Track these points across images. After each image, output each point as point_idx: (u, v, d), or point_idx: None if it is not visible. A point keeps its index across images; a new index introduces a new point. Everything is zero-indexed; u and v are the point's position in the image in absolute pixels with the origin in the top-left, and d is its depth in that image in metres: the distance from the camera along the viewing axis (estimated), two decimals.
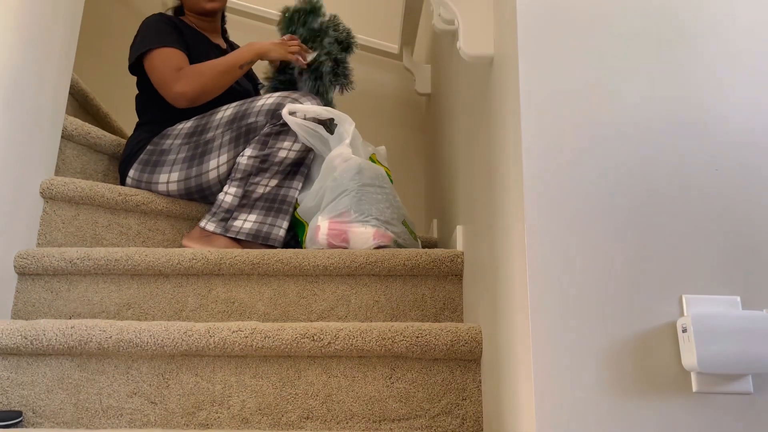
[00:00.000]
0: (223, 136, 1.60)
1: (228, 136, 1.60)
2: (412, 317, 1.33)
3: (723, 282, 0.78)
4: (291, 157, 1.59)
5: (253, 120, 1.59)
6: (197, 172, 1.60)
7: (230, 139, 1.59)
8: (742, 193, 0.81)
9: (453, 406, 1.13)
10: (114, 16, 2.74)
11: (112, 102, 2.31)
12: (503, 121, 0.96)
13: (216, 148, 1.60)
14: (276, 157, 1.58)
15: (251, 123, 1.59)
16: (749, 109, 0.84)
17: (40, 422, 1.11)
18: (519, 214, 0.83)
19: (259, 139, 1.58)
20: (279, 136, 1.58)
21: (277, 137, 1.58)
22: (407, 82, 2.75)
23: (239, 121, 1.60)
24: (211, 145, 1.60)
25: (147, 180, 1.62)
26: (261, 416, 1.12)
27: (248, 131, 1.59)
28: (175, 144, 1.63)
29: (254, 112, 1.59)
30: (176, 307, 1.35)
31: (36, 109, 1.44)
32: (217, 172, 1.59)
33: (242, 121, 1.59)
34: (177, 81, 1.61)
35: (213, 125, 1.62)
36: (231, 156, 1.59)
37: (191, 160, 1.61)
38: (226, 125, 1.60)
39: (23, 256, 1.35)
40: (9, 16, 1.33)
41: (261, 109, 1.59)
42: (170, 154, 1.62)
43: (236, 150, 1.59)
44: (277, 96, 1.61)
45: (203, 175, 1.60)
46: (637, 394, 0.75)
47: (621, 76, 0.85)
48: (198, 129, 1.64)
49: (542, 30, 0.86)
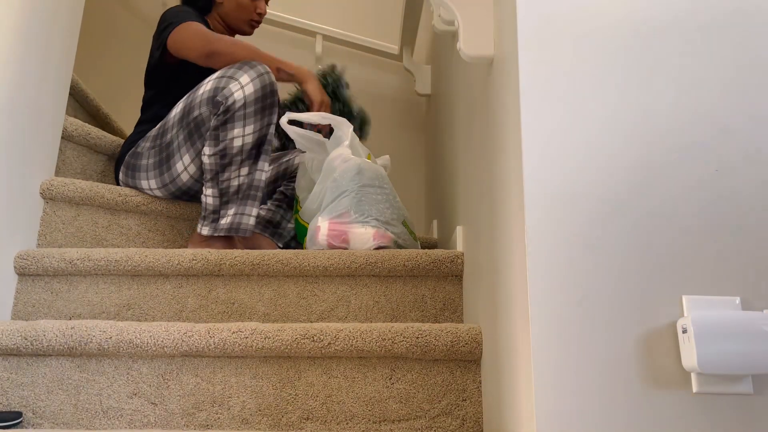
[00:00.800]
0: (178, 136, 1.55)
1: (182, 135, 1.54)
2: (412, 318, 1.33)
3: (723, 282, 0.78)
4: (248, 141, 1.47)
5: (198, 113, 1.51)
6: (170, 177, 1.56)
7: (185, 137, 1.53)
8: (742, 193, 0.81)
9: (453, 406, 1.13)
10: (114, 17, 2.74)
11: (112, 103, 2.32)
12: (503, 121, 0.96)
13: (176, 150, 1.55)
14: (233, 148, 1.47)
15: (197, 116, 1.51)
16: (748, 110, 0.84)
17: (40, 423, 1.11)
18: (519, 214, 0.83)
19: (211, 135, 1.48)
20: (226, 126, 1.46)
21: (225, 127, 1.46)
22: (407, 83, 2.75)
23: (187, 117, 1.53)
24: (171, 147, 1.56)
25: (133, 185, 1.61)
26: (261, 417, 1.12)
27: (197, 125, 1.51)
28: (146, 147, 1.61)
29: (197, 103, 1.51)
30: (176, 307, 1.35)
31: (36, 109, 1.44)
32: (188, 173, 1.55)
33: (189, 117, 1.53)
34: (213, 38, 1.57)
35: (169, 126, 1.58)
36: (193, 154, 1.53)
37: (160, 165, 1.57)
38: (179, 124, 1.55)
39: (23, 257, 1.35)
40: (10, 17, 1.33)
41: (202, 98, 1.50)
42: (143, 158, 1.60)
43: (195, 147, 1.52)
44: (215, 78, 1.51)
45: (177, 180, 1.56)
46: (638, 395, 0.75)
47: (622, 76, 0.85)
48: (160, 131, 1.60)
49: (542, 30, 0.86)
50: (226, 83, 1.47)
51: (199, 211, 1.63)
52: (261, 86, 1.47)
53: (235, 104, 1.45)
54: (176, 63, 1.69)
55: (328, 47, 2.80)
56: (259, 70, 1.48)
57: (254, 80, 1.46)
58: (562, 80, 0.84)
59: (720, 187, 0.81)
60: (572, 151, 0.82)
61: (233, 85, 1.46)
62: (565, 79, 0.84)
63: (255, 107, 1.47)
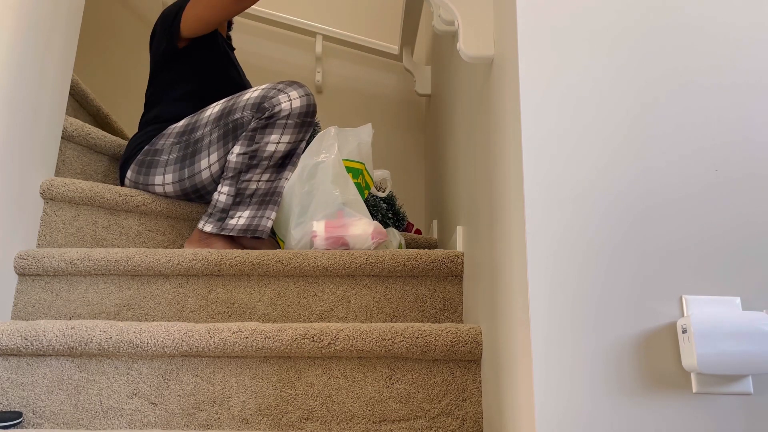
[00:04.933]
0: (211, 134, 1.57)
1: (216, 133, 1.57)
2: (412, 318, 1.33)
3: (723, 282, 0.78)
4: (281, 150, 1.55)
5: (239, 115, 1.55)
6: (190, 173, 1.58)
7: (218, 136, 1.56)
8: (742, 193, 0.81)
9: (453, 406, 1.13)
10: (114, 17, 2.74)
11: (112, 103, 2.32)
12: (503, 121, 0.96)
13: (205, 147, 1.57)
14: (264, 152, 1.53)
15: (237, 119, 1.55)
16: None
17: (40, 423, 1.11)
18: (519, 214, 0.83)
19: (246, 135, 1.54)
20: (265, 130, 1.53)
21: (264, 131, 1.53)
22: (407, 83, 2.75)
23: (226, 117, 1.57)
24: (201, 144, 1.58)
25: (143, 182, 1.61)
26: (261, 417, 1.12)
27: (235, 127, 1.55)
28: (167, 144, 1.62)
29: (240, 107, 1.56)
30: (176, 307, 1.35)
31: (36, 109, 1.44)
32: (210, 171, 1.57)
33: (229, 118, 1.56)
34: None
35: (202, 123, 1.60)
36: (221, 154, 1.56)
37: (183, 160, 1.59)
38: (214, 122, 1.58)
39: (23, 257, 1.35)
40: (9, 17, 1.33)
41: (246, 103, 1.55)
42: (163, 154, 1.61)
43: (225, 147, 1.56)
44: (263, 88, 1.57)
45: (196, 176, 1.58)
46: (638, 395, 0.75)
47: (622, 75, 0.85)
48: (188, 128, 1.62)
49: (542, 30, 0.86)
50: (275, 94, 1.54)
51: (201, 211, 1.63)
52: (307, 104, 1.55)
53: (281, 113, 1.52)
54: (185, 52, 1.70)
55: (328, 47, 2.80)
56: (307, 90, 1.58)
57: (302, 97, 1.54)
58: (562, 80, 0.84)
59: (720, 186, 0.81)
60: (572, 150, 0.82)
61: (282, 96, 1.53)
62: (566, 79, 0.84)
63: (297, 120, 1.54)
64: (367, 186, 1.69)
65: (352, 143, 1.66)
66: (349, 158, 1.64)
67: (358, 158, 1.67)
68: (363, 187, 1.67)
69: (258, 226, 1.55)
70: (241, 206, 1.55)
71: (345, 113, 1.98)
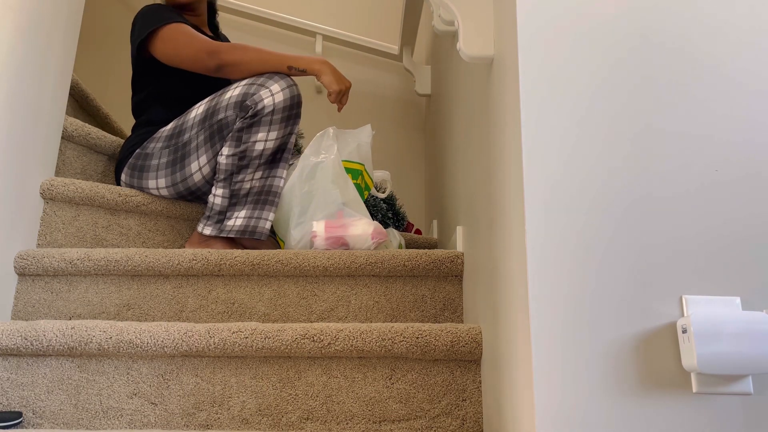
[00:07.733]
0: (198, 136, 1.55)
1: (202, 135, 1.55)
2: (412, 318, 1.33)
3: (723, 282, 0.78)
4: (270, 147, 1.52)
5: (223, 116, 1.52)
6: (181, 177, 1.57)
7: (205, 138, 1.54)
8: (742, 193, 0.81)
9: (453, 406, 1.13)
10: (114, 17, 2.74)
11: (112, 103, 2.32)
12: (503, 121, 0.96)
13: (194, 150, 1.56)
14: (254, 151, 1.51)
15: (221, 119, 1.52)
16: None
17: (40, 423, 1.11)
18: (519, 214, 0.83)
19: (233, 136, 1.51)
20: (251, 129, 1.50)
21: (250, 131, 1.50)
22: (407, 83, 2.75)
23: (210, 118, 1.54)
24: (189, 147, 1.56)
25: (138, 185, 1.60)
26: (261, 417, 1.12)
27: (220, 128, 1.53)
28: (157, 148, 1.61)
29: (222, 107, 1.53)
30: (176, 307, 1.35)
31: (36, 109, 1.44)
32: (201, 173, 1.55)
33: (213, 119, 1.54)
34: (218, 50, 1.57)
35: (188, 125, 1.58)
36: (210, 156, 1.54)
37: (173, 165, 1.57)
38: (200, 124, 1.56)
39: (23, 257, 1.35)
40: (9, 17, 1.33)
41: (228, 102, 1.52)
42: (153, 158, 1.60)
43: (213, 149, 1.54)
44: (243, 84, 1.53)
45: (188, 179, 1.56)
46: (638, 395, 0.75)
47: (622, 75, 0.85)
48: (176, 131, 1.60)
49: (542, 30, 0.86)
50: (257, 90, 1.50)
51: (200, 211, 1.63)
52: (290, 96, 1.51)
53: (264, 109, 1.49)
54: (156, 61, 1.67)
55: (328, 47, 2.80)
56: (289, 81, 1.53)
57: (284, 90, 1.51)
58: (562, 80, 0.84)
59: (720, 186, 0.81)
60: (572, 150, 0.82)
61: (264, 92, 1.50)
62: (566, 79, 0.84)
63: (282, 115, 1.51)
64: (366, 187, 1.69)
65: (352, 144, 1.66)
66: (349, 159, 1.64)
67: (357, 159, 1.66)
68: (363, 188, 1.67)
69: (256, 227, 1.54)
70: (237, 206, 1.54)
71: (345, 113, 1.98)
